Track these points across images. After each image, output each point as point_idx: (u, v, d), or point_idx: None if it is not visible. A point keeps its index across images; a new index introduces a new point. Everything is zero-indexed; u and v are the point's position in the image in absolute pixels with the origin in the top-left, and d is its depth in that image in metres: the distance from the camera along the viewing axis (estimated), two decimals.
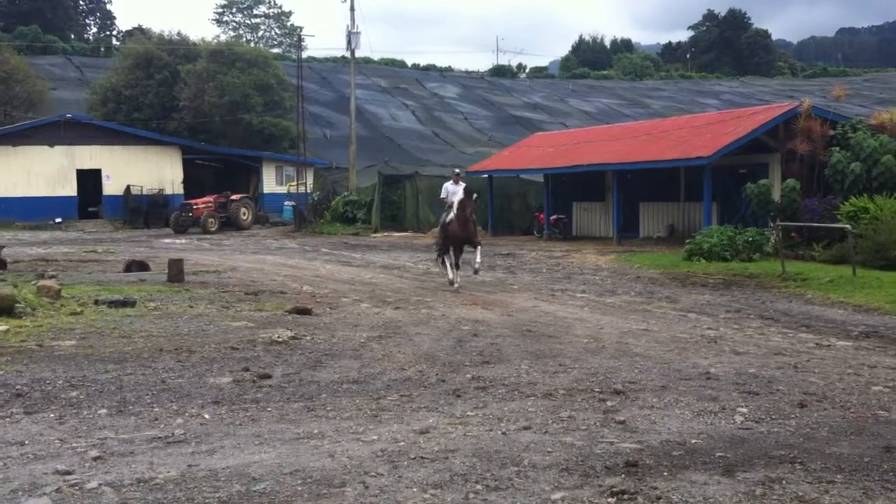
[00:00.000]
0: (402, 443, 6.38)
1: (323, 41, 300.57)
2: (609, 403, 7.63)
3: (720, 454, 6.09)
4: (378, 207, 36.76)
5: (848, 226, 19.38)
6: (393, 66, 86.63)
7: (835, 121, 25.23)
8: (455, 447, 6.26)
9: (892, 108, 29.94)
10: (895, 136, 23.89)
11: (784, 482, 5.50)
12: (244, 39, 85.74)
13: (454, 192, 17.23)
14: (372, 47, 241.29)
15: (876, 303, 14.78)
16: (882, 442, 6.42)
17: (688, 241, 23.27)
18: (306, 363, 9.27)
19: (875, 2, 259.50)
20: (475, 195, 17.20)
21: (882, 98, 68.37)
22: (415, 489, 5.40)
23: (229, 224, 38.98)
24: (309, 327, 11.46)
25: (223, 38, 62.12)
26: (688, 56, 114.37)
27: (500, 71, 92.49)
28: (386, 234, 34.85)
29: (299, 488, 5.41)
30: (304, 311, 12.72)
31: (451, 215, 16.82)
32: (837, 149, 23.91)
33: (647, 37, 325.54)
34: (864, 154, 23.19)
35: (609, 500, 5.21)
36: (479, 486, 5.45)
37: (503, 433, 6.67)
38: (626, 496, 5.24)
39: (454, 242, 17.02)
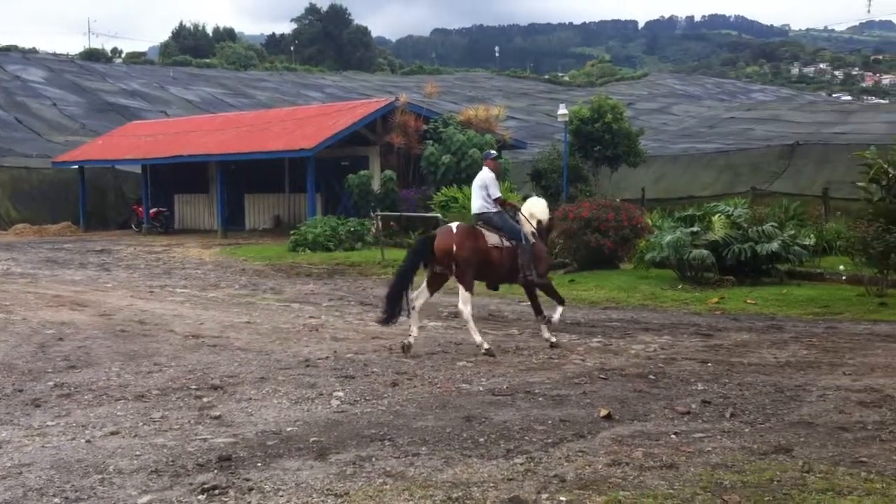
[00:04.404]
0: None
1: None
2: (205, 400, 7.41)
3: (314, 439, 6.15)
4: None
5: (439, 214, 20.85)
6: None
7: (428, 116, 27.11)
8: (30, 461, 5.69)
9: (478, 105, 32.82)
10: (481, 131, 26.21)
11: (374, 459, 5.68)
12: None
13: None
14: None
15: None
16: (463, 413, 6.91)
17: (293, 231, 23.57)
18: None
19: (464, 5, 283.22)
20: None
21: (471, 96, 74.19)
22: None
23: None
24: None
25: None
26: (292, 48, 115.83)
27: (93, 55, 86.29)
28: None
29: None
30: None
31: (531, 229, 10.30)
32: (431, 142, 25.66)
33: (251, 27, 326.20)
34: (454, 147, 25.15)
35: (200, 497, 5.02)
36: (56, 500, 5.02)
37: (87, 441, 6.17)
38: (217, 491, 5.09)
39: (492, 278, 10.53)
